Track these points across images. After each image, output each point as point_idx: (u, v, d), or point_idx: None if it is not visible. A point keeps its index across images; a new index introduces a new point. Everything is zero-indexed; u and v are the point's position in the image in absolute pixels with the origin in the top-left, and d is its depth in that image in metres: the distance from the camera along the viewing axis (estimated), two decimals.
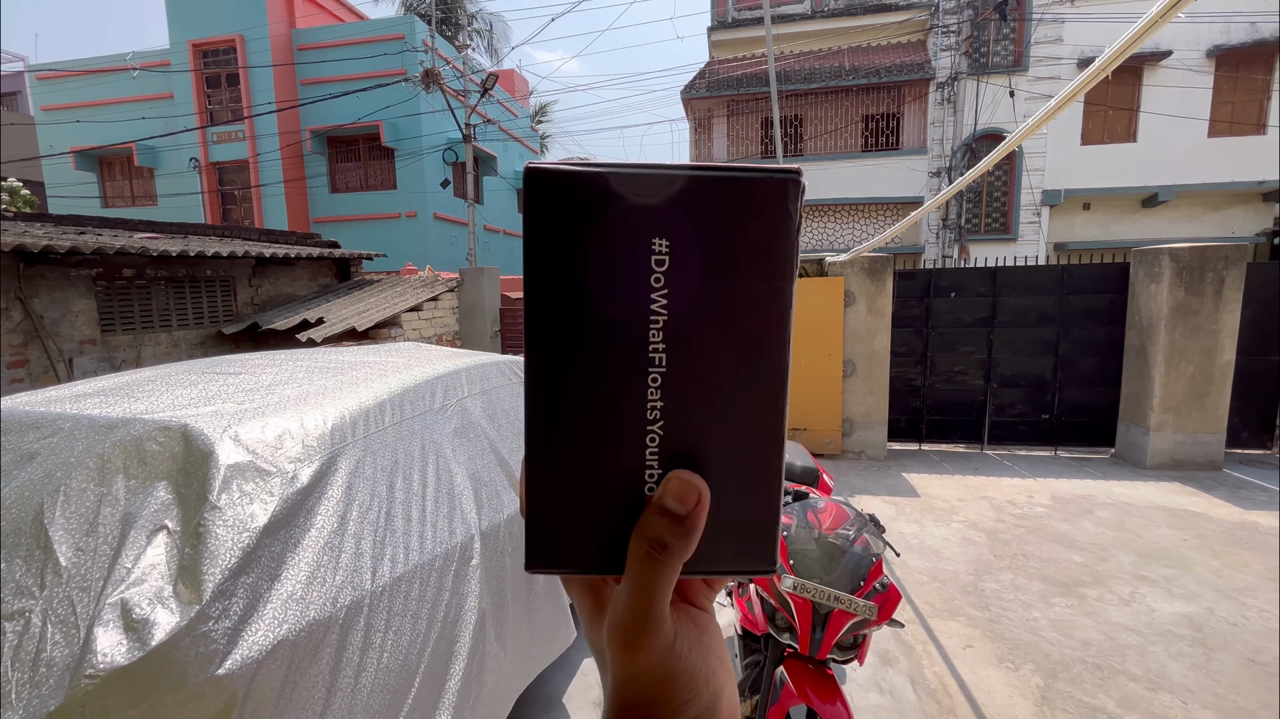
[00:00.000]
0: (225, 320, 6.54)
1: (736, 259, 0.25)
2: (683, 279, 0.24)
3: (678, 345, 0.25)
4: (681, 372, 0.25)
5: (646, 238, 0.24)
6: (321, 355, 2.42)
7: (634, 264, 0.24)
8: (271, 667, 1.21)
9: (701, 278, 0.24)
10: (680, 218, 0.24)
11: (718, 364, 0.25)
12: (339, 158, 14.25)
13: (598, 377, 0.25)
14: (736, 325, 0.25)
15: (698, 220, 0.24)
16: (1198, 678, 2.73)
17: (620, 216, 0.24)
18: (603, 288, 0.25)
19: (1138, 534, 4.31)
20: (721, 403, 0.25)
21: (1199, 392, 5.66)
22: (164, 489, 1.33)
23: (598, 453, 0.26)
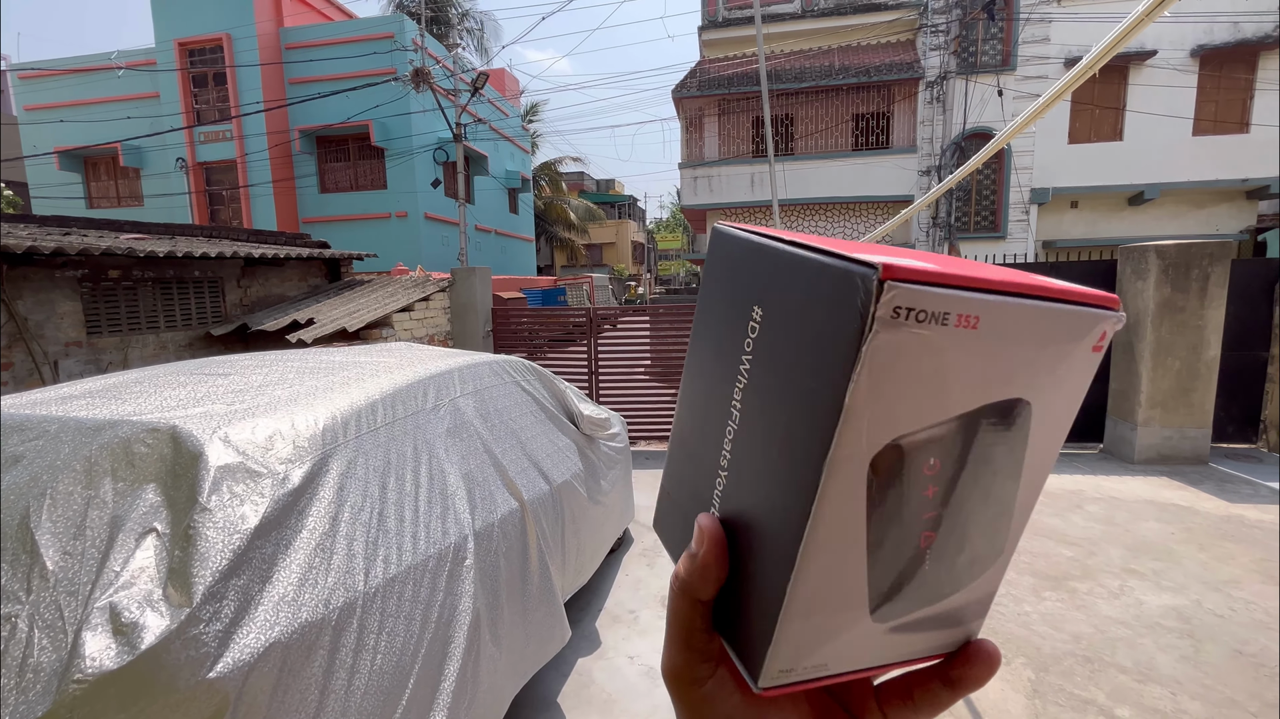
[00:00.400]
0: (214, 322, 6.48)
1: (800, 352, 0.23)
2: (762, 351, 0.25)
3: (745, 412, 0.26)
4: (744, 434, 0.26)
5: (748, 304, 0.26)
6: (312, 356, 2.40)
7: (733, 323, 0.27)
8: (263, 669, 1.20)
9: (772, 357, 0.25)
10: (773, 293, 0.25)
11: (763, 444, 0.25)
12: (328, 157, 14.15)
13: (702, 407, 0.29)
14: (783, 420, 0.24)
15: (784, 299, 0.24)
16: (1186, 669, 2.77)
17: (740, 278, 0.27)
18: (717, 331, 0.28)
19: (1126, 528, 4.35)
20: (758, 485, 0.26)
21: (1185, 387, 5.73)
22: (153, 491, 1.32)
23: (690, 469, 0.30)
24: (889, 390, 0.21)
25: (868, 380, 0.21)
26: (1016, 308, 0.22)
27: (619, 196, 32.96)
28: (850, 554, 0.24)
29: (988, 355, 0.22)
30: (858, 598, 0.25)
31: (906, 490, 0.24)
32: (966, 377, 0.22)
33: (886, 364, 0.21)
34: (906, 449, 0.23)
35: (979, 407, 0.23)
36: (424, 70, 11.01)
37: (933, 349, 0.21)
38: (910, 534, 0.25)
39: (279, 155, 13.42)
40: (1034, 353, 0.23)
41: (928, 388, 0.22)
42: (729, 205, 13.51)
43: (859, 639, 0.26)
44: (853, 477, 0.22)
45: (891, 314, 0.20)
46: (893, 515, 0.24)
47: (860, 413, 0.21)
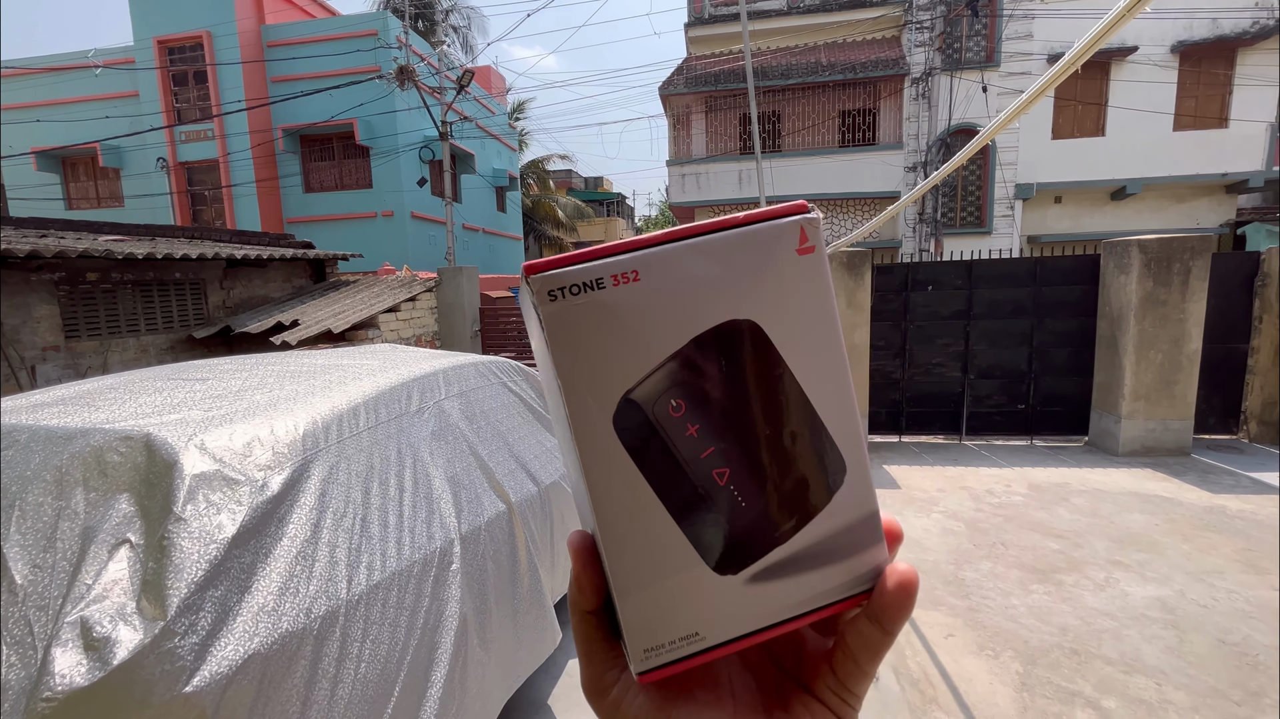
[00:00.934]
0: (196, 324, 6.38)
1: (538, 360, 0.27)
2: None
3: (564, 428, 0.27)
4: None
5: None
6: (293, 359, 2.36)
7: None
8: (242, 682, 1.17)
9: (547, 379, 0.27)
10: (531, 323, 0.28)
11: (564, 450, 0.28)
12: (312, 157, 13.98)
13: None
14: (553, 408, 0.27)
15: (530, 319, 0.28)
16: (1171, 660, 2.80)
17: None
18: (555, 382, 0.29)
19: (1111, 520, 4.40)
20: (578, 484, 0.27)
21: (1168, 379, 5.80)
22: (126, 501, 1.29)
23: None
24: (586, 354, 0.24)
25: (561, 352, 0.23)
26: (671, 251, 0.25)
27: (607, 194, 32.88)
28: (649, 514, 0.25)
29: (667, 298, 0.24)
30: (686, 556, 0.25)
31: (667, 437, 0.25)
32: (658, 320, 0.24)
33: (565, 333, 0.23)
34: (640, 401, 0.24)
35: (687, 342, 0.25)
36: (409, 68, 10.90)
37: (602, 309, 0.24)
38: (700, 476, 0.25)
39: (262, 155, 13.24)
40: (723, 278, 0.25)
41: (623, 341, 0.24)
42: (717, 202, 13.51)
43: (720, 600, 0.26)
44: (604, 442, 0.24)
45: (548, 297, 0.23)
46: (667, 465, 0.25)
47: (573, 382, 0.24)
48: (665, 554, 0.25)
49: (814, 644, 0.30)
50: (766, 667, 0.31)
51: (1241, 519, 4.33)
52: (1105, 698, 2.57)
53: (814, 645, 0.30)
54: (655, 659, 0.26)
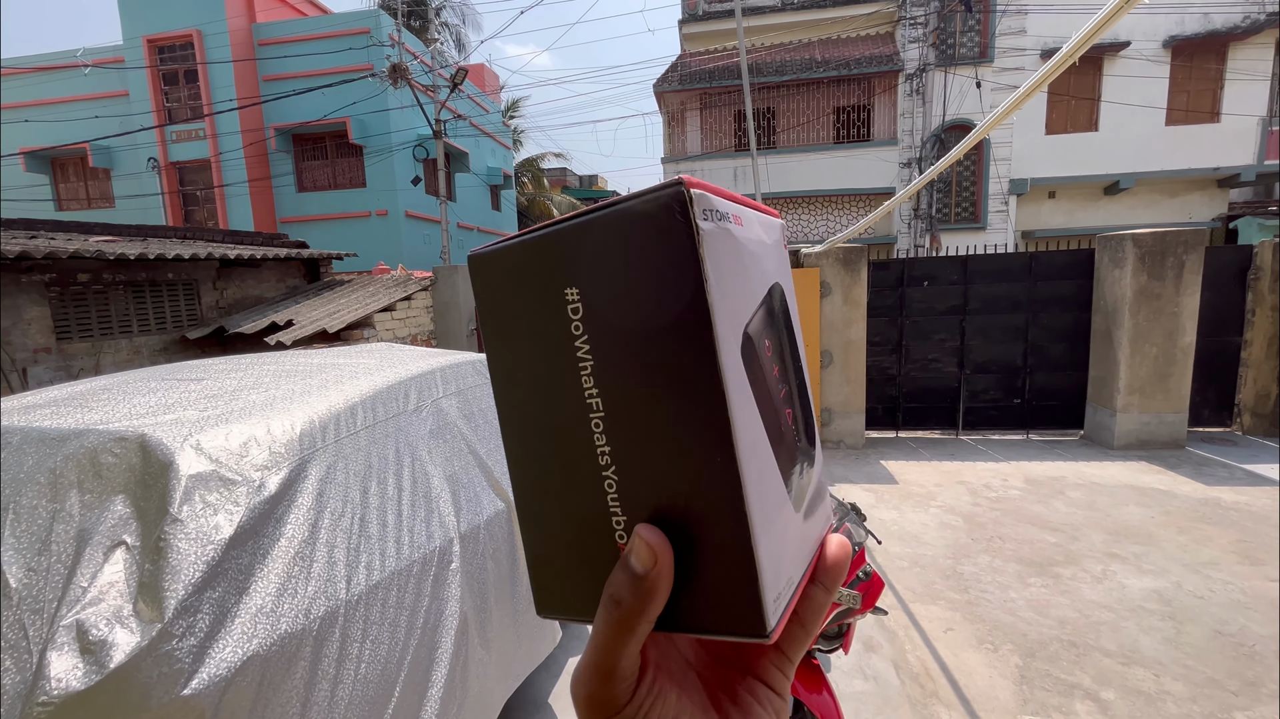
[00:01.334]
0: (189, 325, 6.34)
1: (639, 296, 0.23)
2: (597, 323, 0.24)
3: (608, 390, 0.24)
4: (619, 414, 0.24)
5: (558, 290, 0.25)
6: (289, 359, 2.34)
7: (551, 318, 0.25)
8: (241, 684, 1.16)
9: (612, 319, 0.24)
10: (581, 265, 0.24)
11: (651, 405, 0.24)
12: (305, 156, 13.89)
13: (547, 425, 0.26)
14: (658, 364, 0.23)
15: (596, 264, 0.24)
16: (1168, 651, 2.82)
17: (532, 276, 0.25)
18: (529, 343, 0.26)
19: (1107, 513, 4.42)
20: (666, 447, 0.24)
21: (1162, 373, 5.83)
22: (121, 503, 1.27)
23: (564, 501, 0.27)
24: (728, 284, 0.23)
25: (714, 276, 0.22)
26: (753, 213, 0.28)
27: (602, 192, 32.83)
28: (762, 449, 0.25)
29: (754, 248, 0.26)
30: (781, 493, 0.26)
31: (765, 375, 0.26)
32: (753, 265, 0.26)
33: (718, 257, 0.23)
34: (753, 336, 0.25)
35: (767, 289, 0.27)
36: (402, 66, 10.84)
37: (733, 241, 0.24)
38: (781, 415, 0.27)
39: (254, 154, 13.15)
40: (771, 249, 0.29)
41: (742, 277, 0.25)
42: None
43: (795, 536, 0.27)
44: (736, 373, 0.23)
45: (703, 216, 0.22)
46: (766, 402, 0.26)
47: (721, 311, 0.23)
48: (775, 489, 0.25)
49: None
50: (708, 662, 0.30)
51: (1236, 511, 4.36)
52: (1104, 689, 2.58)
53: None
54: (779, 607, 0.24)
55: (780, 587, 0.25)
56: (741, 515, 0.23)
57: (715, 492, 0.23)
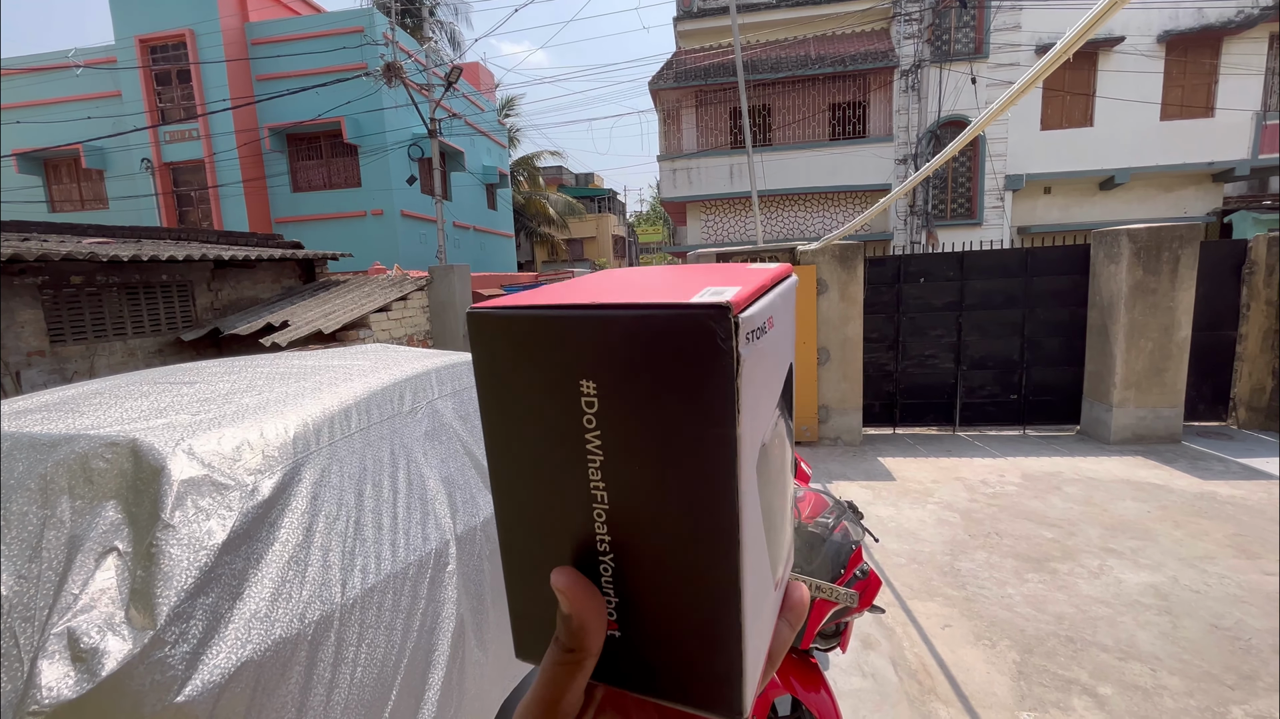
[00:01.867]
0: (184, 327, 6.31)
1: (664, 407, 0.22)
2: (612, 422, 0.23)
3: (615, 485, 0.24)
4: (624, 510, 0.25)
5: (573, 380, 0.24)
6: (282, 361, 2.33)
7: (562, 405, 0.24)
8: (235, 690, 1.15)
9: (631, 423, 0.23)
10: (600, 360, 0.23)
11: (660, 505, 0.24)
12: (300, 156, 13.84)
13: (545, 500, 0.26)
14: (674, 477, 0.23)
15: (616, 363, 0.23)
16: (1165, 645, 2.83)
17: (543, 357, 0.24)
18: (535, 423, 0.25)
19: (1104, 508, 4.44)
20: (670, 544, 0.24)
21: (1158, 367, 5.85)
22: (113, 509, 1.26)
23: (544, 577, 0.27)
24: (756, 405, 0.23)
25: (747, 405, 0.22)
26: (779, 297, 0.26)
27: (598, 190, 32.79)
28: (758, 548, 0.25)
29: (779, 343, 0.26)
30: (767, 578, 0.27)
31: (769, 480, 0.26)
32: (778, 366, 0.26)
33: (752, 381, 0.23)
34: (768, 446, 0.26)
35: (784, 379, 0.27)
36: (396, 65, 10.79)
37: (764, 356, 0.24)
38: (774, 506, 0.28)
39: (249, 154, 13.10)
40: (788, 326, 0.28)
41: (768, 387, 0.25)
42: (708, 197, 13.48)
43: (770, 607, 0.28)
44: (751, 491, 0.24)
45: (745, 340, 0.22)
46: (769, 493, 0.26)
47: (746, 439, 0.22)
48: (765, 581, 0.26)
49: None
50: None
51: (1232, 505, 4.38)
52: (1101, 685, 2.59)
53: None
54: (755, 692, 0.25)
55: (758, 670, 0.26)
56: (737, 626, 0.24)
57: (718, 588, 0.24)
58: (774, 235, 13.56)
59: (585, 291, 0.25)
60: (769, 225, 13.55)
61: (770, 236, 13.49)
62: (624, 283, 0.26)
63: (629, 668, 0.26)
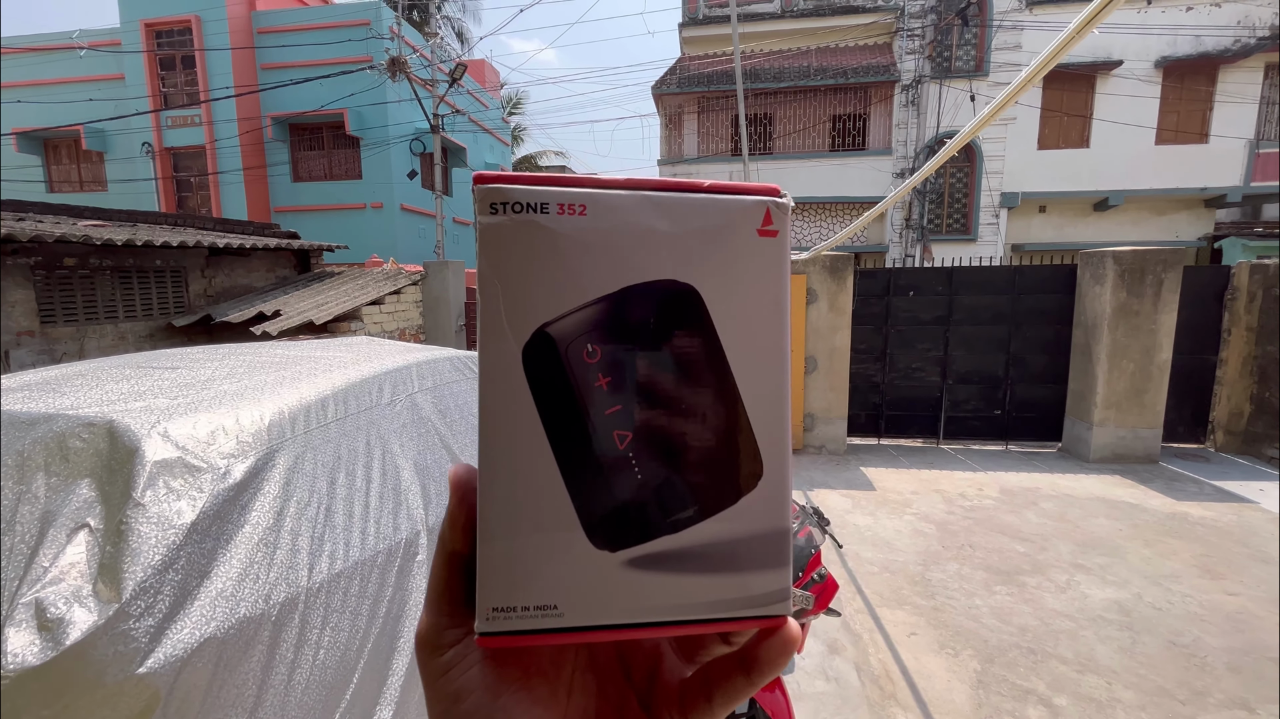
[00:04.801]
0: (176, 312, 6.33)
1: None
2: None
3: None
4: None
5: None
6: (266, 350, 2.37)
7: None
8: (197, 664, 1.20)
9: None
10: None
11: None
12: (301, 146, 13.87)
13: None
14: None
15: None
16: (1123, 660, 2.89)
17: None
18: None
19: (1077, 524, 4.51)
20: None
21: (1139, 388, 5.93)
22: (87, 487, 1.31)
23: None
24: (513, 274, 0.23)
25: (487, 263, 0.23)
26: (625, 197, 0.24)
27: None
28: (536, 458, 0.23)
29: (609, 240, 0.23)
30: (564, 513, 0.23)
31: (576, 382, 0.23)
32: (593, 260, 0.23)
33: (498, 249, 0.23)
34: (556, 336, 0.23)
35: (618, 290, 0.24)
36: (401, 59, 10.83)
37: (540, 232, 0.23)
38: (600, 432, 0.23)
39: (250, 142, 13.11)
40: (672, 238, 0.24)
41: (552, 271, 0.23)
42: None
43: (590, 575, 0.23)
44: (508, 370, 0.23)
45: (489, 209, 0.23)
46: (567, 411, 0.23)
47: (493, 302, 0.23)
48: (543, 506, 0.23)
49: (671, 667, 0.28)
50: (615, 675, 0.28)
51: (1203, 526, 4.45)
52: (1057, 696, 2.64)
53: (671, 668, 0.28)
54: (502, 622, 0.23)
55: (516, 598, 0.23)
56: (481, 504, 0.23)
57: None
58: None
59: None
60: None
61: None
62: None
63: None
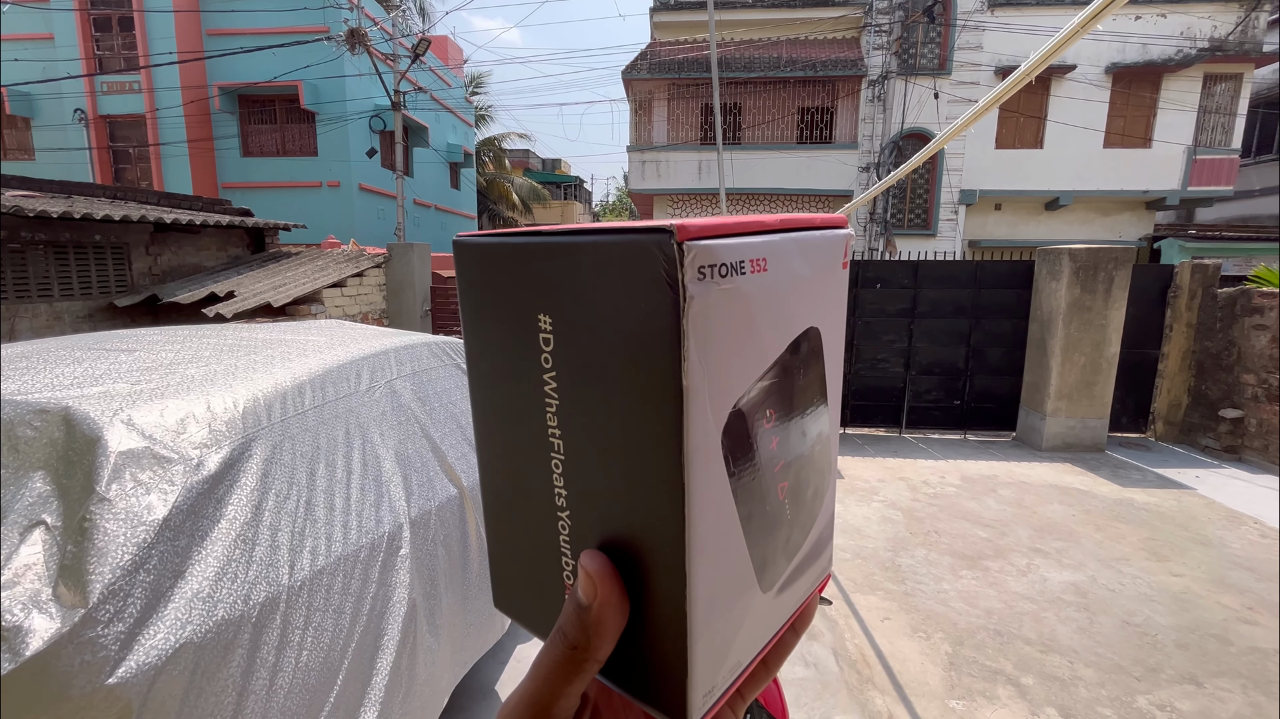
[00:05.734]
0: (118, 292, 5.93)
1: (611, 349, 0.20)
2: (566, 363, 0.22)
3: (570, 436, 0.22)
4: (577, 464, 0.23)
5: (532, 315, 0.22)
6: (231, 332, 2.23)
7: (524, 342, 0.23)
8: (172, 672, 1.11)
9: (581, 366, 0.21)
10: (557, 291, 0.21)
11: (606, 463, 0.22)
12: (252, 119, 13.16)
13: (512, 443, 0.25)
14: (619, 433, 0.21)
15: (571, 296, 0.21)
16: (1082, 640, 3.03)
17: (509, 287, 0.23)
18: (498, 365, 0.25)
19: (1033, 510, 4.70)
20: (615, 509, 0.22)
21: (1089, 381, 6.22)
22: (41, 480, 1.18)
23: (522, 522, 0.26)
24: (718, 358, 0.20)
25: (697, 353, 0.19)
26: (792, 242, 0.23)
27: (565, 177, 32.41)
28: (731, 538, 0.22)
29: (781, 293, 0.22)
30: (747, 578, 0.23)
31: (758, 451, 0.23)
32: (771, 319, 0.22)
33: (709, 329, 0.19)
34: (747, 411, 0.22)
35: (791, 341, 0.23)
36: (360, 31, 10.36)
37: (741, 300, 0.20)
38: (770, 492, 0.24)
39: (195, 113, 12.36)
40: (812, 281, 0.24)
41: (746, 342, 0.21)
42: (676, 191, 13.52)
43: (757, 617, 0.25)
44: (711, 460, 0.20)
45: (698, 275, 0.19)
46: (752, 481, 0.23)
47: (700, 391, 0.19)
48: (736, 580, 0.23)
49: None
50: None
51: (1147, 511, 4.71)
52: (1024, 676, 2.75)
53: None
54: (710, 702, 0.23)
55: (718, 679, 0.23)
56: (681, 616, 0.21)
57: (666, 552, 0.21)
58: None
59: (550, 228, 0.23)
60: None
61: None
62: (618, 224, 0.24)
63: None
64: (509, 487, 0.26)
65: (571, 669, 0.22)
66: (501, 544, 0.28)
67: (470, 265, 0.24)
